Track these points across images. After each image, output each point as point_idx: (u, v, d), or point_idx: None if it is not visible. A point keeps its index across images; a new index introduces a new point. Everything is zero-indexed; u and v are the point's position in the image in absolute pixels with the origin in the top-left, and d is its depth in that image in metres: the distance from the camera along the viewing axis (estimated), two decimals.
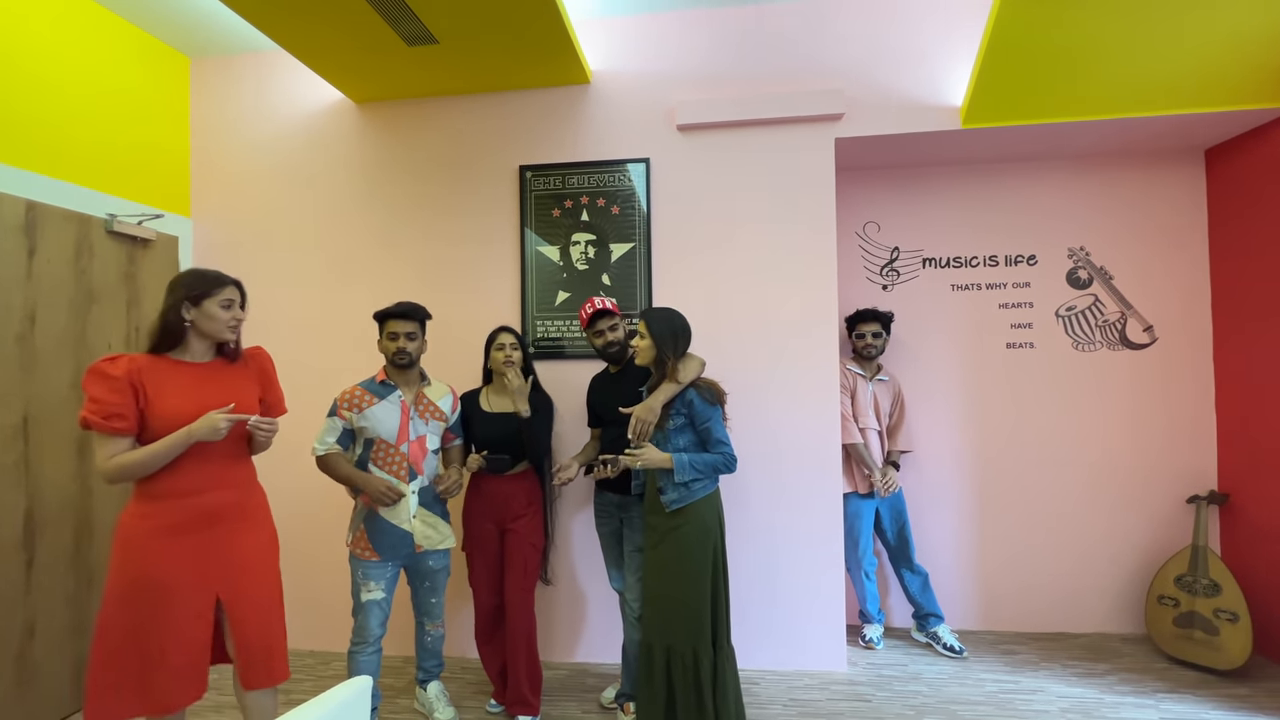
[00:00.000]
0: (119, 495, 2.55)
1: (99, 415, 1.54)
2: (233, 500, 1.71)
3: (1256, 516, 2.70)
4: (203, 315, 1.66)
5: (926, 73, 2.64)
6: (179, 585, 1.60)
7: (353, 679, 1.10)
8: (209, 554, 1.65)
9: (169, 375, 1.63)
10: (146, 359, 1.63)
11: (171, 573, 1.59)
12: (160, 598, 1.58)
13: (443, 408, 2.22)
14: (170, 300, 1.65)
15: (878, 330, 2.86)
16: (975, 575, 3.03)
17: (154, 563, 1.58)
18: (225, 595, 1.67)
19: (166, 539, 1.60)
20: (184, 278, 1.68)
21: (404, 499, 2.10)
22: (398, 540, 2.11)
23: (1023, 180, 3.03)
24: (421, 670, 2.34)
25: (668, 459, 1.94)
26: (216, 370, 1.72)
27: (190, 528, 1.63)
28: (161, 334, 1.64)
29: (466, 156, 2.86)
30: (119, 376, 1.56)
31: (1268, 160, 2.63)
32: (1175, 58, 2.31)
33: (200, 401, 1.63)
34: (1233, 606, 2.50)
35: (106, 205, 2.55)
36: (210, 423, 1.58)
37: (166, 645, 1.58)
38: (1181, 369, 2.93)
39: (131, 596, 1.57)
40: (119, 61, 2.66)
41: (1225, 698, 2.38)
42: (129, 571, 1.58)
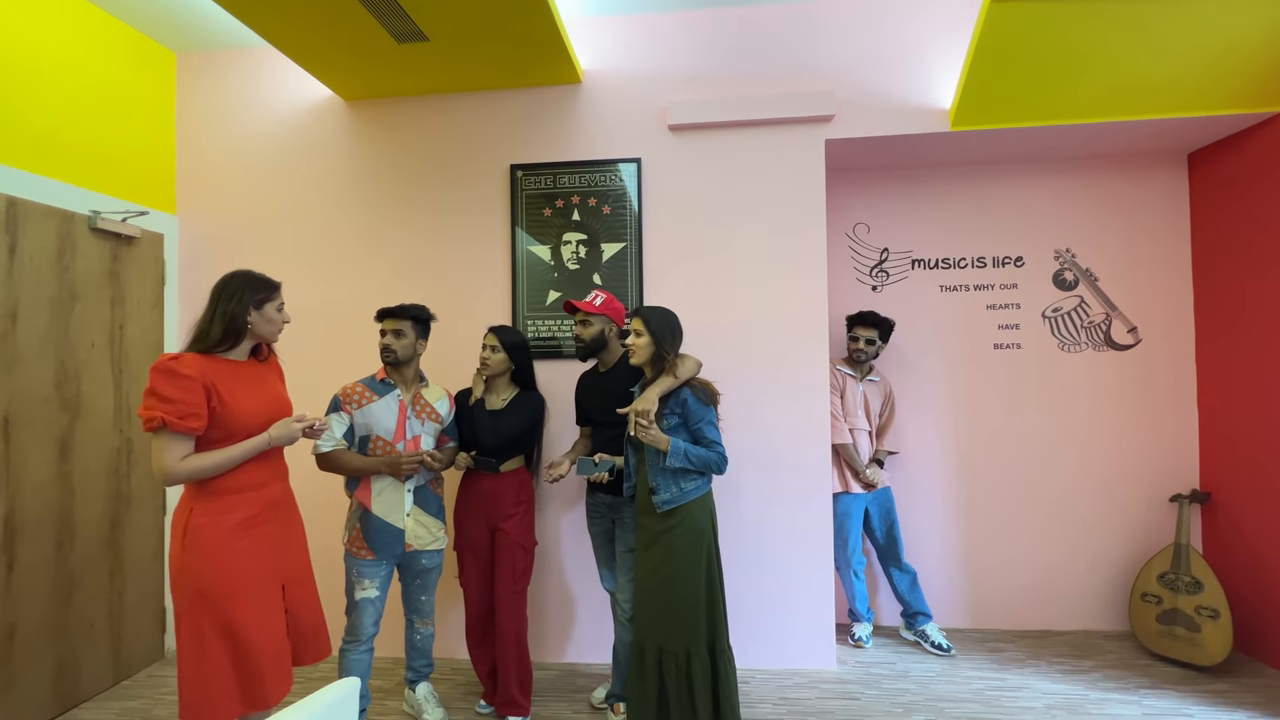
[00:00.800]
0: (102, 499, 2.52)
1: (175, 415, 1.51)
2: (285, 490, 1.80)
3: (1237, 515, 2.75)
4: (262, 318, 1.69)
5: (915, 75, 2.66)
6: (260, 576, 1.63)
7: (340, 680, 1.09)
8: (276, 543, 1.70)
9: (231, 374, 1.64)
10: (206, 359, 1.61)
11: (255, 565, 1.62)
12: (249, 592, 1.60)
13: (439, 410, 2.22)
14: (234, 304, 1.65)
15: (872, 338, 2.85)
16: (963, 574, 3.06)
17: (237, 556, 1.59)
18: (286, 581, 1.72)
19: (246, 533, 1.62)
20: (242, 280, 1.69)
21: (404, 491, 2.13)
22: (391, 538, 2.10)
23: (1010, 182, 3.06)
24: (410, 670, 2.33)
25: (665, 439, 1.93)
26: (256, 370, 1.75)
27: (264, 519, 1.67)
28: (223, 334, 1.63)
29: (457, 155, 2.84)
30: (193, 376, 1.54)
31: (1249, 165, 2.67)
32: (1159, 63, 2.35)
33: (260, 399, 1.68)
34: (1213, 603, 2.55)
35: (90, 202, 2.52)
36: (290, 431, 1.67)
37: (259, 639, 1.60)
38: (1164, 370, 2.98)
39: (219, 595, 1.56)
40: (103, 56, 2.63)
41: (1206, 693, 2.42)
42: (212, 570, 1.56)
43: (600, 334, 2.24)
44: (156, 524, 2.79)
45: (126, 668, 2.63)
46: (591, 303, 2.24)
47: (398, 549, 2.12)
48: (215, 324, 1.64)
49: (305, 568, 1.81)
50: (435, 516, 2.21)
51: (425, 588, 2.24)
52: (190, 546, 1.57)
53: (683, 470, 1.96)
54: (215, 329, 1.63)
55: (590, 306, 2.23)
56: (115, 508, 2.58)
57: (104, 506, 2.54)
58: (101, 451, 2.52)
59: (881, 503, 2.89)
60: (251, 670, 1.59)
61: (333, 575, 2.57)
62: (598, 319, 2.24)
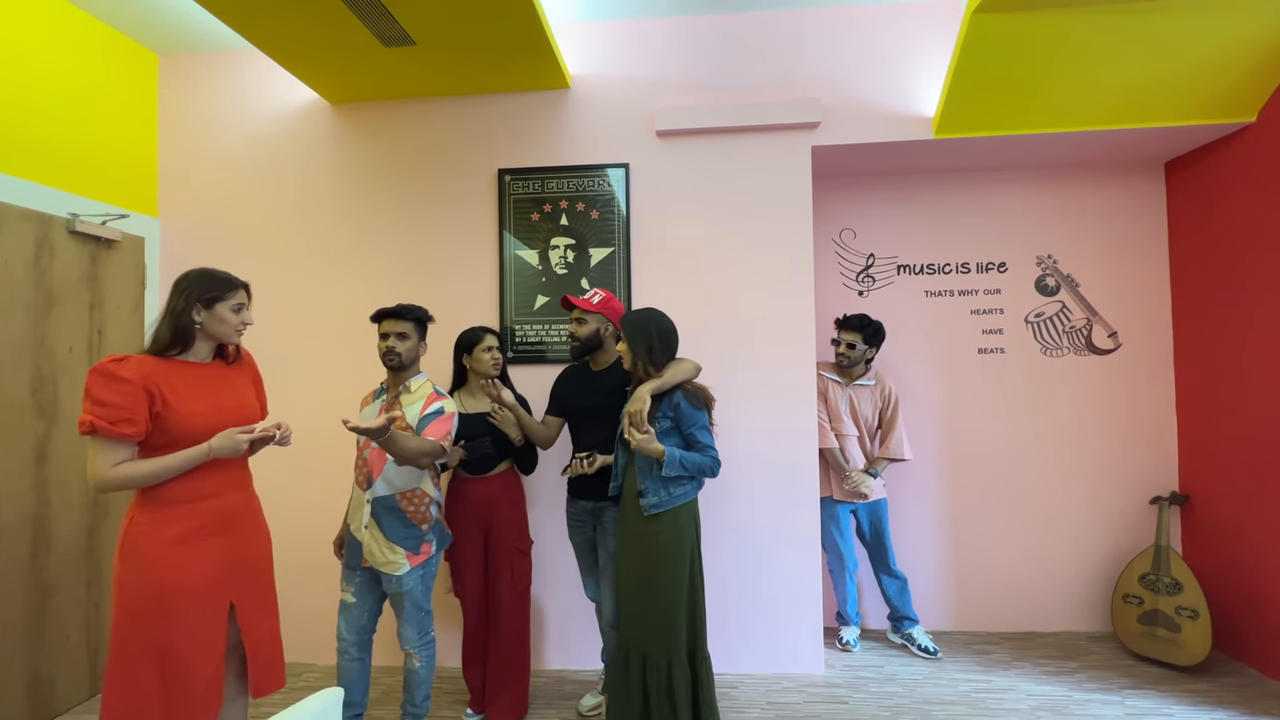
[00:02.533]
0: (79, 507, 2.47)
1: (106, 420, 1.44)
2: (242, 502, 1.68)
3: (1215, 517, 2.80)
4: (213, 318, 1.60)
5: (900, 84, 2.69)
6: (200, 593, 1.54)
7: (323, 691, 1.08)
8: (224, 558, 1.60)
9: (182, 378, 1.56)
10: (155, 361, 1.54)
11: (192, 581, 1.53)
12: (182, 608, 1.51)
13: (409, 415, 2.02)
14: (181, 302, 1.58)
15: (853, 342, 2.83)
16: (949, 577, 3.08)
17: (174, 572, 1.50)
18: (238, 599, 1.62)
19: (185, 546, 1.53)
20: (194, 278, 1.61)
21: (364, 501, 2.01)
22: (352, 547, 2.03)
23: (993, 189, 3.11)
24: (403, 705, 2.12)
25: (661, 450, 1.89)
26: (219, 372, 1.67)
27: (208, 532, 1.57)
28: (172, 336, 1.57)
29: (444, 159, 2.83)
30: (131, 380, 1.47)
31: (1224, 173, 2.73)
32: (1135, 74, 2.40)
33: (215, 405, 1.59)
34: (1193, 604, 2.59)
35: (69, 204, 2.47)
36: (233, 442, 1.54)
37: (191, 659, 1.51)
38: (1144, 374, 3.03)
39: (151, 611, 1.49)
40: (84, 58, 2.59)
41: (1186, 693, 2.46)
42: (147, 584, 1.49)
43: (596, 333, 2.20)
44: None
45: (102, 680, 2.57)
46: (589, 300, 2.22)
47: (356, 560, 2.02)
48: (163, 324, 1.58)
49: (264, 588, 1.70)
50: (395, 539, 1.98)
51: (398, 611, 2.04)
52: (125, 558, 1.50)
53: (675, 476, 1.94)
54: (163, 330, 1.57)
55: (587, 304, 2.20)
56: (93, 516, 2.53)
57: (81, 515, 2.48)
58: (79, 459, 2.47)
59: (871, 510, 2.88)
60: (180, 695, 1.50)
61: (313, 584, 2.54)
62: (594, 317, 2.20)
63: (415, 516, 2.02)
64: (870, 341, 2.85)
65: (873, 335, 2.84)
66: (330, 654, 2.62)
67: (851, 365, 2.87)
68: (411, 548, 2.01)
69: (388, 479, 1.99)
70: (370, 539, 1.99)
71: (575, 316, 2.23)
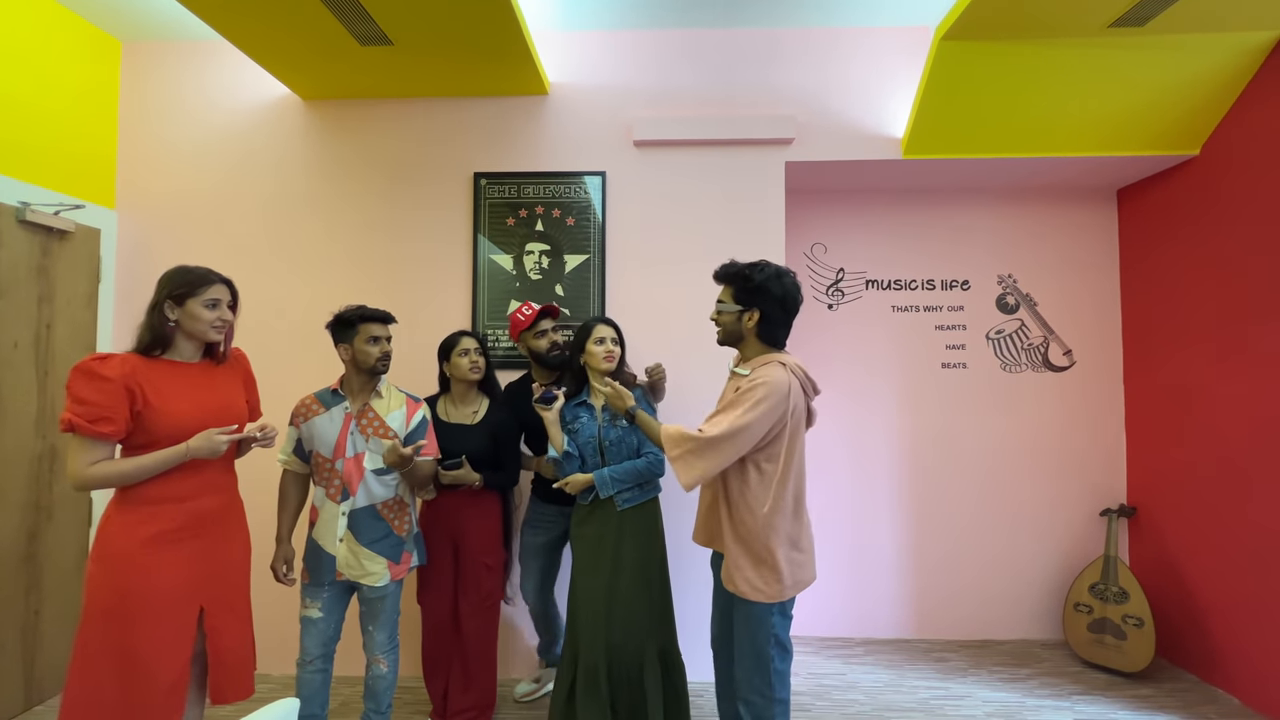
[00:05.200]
0: (18, 508, 2.35)
1: (85, 418, 1.44)
2: (221, 505, 1.65)
3: (1159, 529, 2.93)
4: (186, 315, 1.58)
5: (871, 105, 2.77)
6: (168, 597, 1.51)
7: (279, 701, 1.05)
8: (197, 562, 1.57)
9: (166, 377, 1.55)
10: (139, 360, 1.53)
11: (161, 584, 1.50)
12: (148, 611, 1.48)
13: (391, 424, 1.97)
14: (154, 298, 1.57)
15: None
16: (910, 586, 3.15)
17: (142, 573, 1.48)
18: (208, 605, 1.59)
19: (157, 548, 1.51)
20: (167, 276, 1.60)
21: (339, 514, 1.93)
22: (321, 563, 1.93)
23: (958, 209, 3.22)
24: (364, 715, 2.08)
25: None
26: (206, 372, 1.64)
27: (181, 535, 1.55)
28: (149, 335, 1.55)
29: (419, 161, 2.80)
30: (112, 378, 1.46)
31: (1171, 202, 2.89)
32: (1092, 106, 2.53)
33: (199, 405, 1.57)
34: (1139, 613, 2.70)
35: (18, 192, 2.37)
36: (210, 443, 1.52)
37: (153, 663, 1.48)
38: (1096, 391, 3.16)
39: (117, 612, 1.46)
40: (41, 41, 2.49)
41: (1131, 698, 2.56)
42: (115, 584, 1.47)
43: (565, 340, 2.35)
44: (79, 537, 2.61)
45: (40, 692, 2.45)
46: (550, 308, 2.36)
47: (328, 575, 1.93)
48: (143, 325, 1.57)
49: (237, 593, 1.67)
50: (376, 549, 1.94)
51: (371, 618, 2.00)
52: (98, 557, 1.50)
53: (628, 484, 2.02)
54: (143, 331, 1.57)
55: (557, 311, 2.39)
56: (35, 519, 2.42)
57: (21, 517, 2.37)
58: (21, 458, 2.36)
59: None
60: (140, 699, 1.47)
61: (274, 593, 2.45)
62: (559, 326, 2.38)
63: (396, 525, 1.99)
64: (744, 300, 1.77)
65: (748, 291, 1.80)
66: (287, 664, 2.54)
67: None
68: (393, 557, 1.98)
69: (369, 490, 1.94)
70: (347, 551, 1.93)
71: (553, 325, 2.33)
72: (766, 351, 1.76)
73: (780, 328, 1.74)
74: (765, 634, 1.67)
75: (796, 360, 1.74)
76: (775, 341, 1.76)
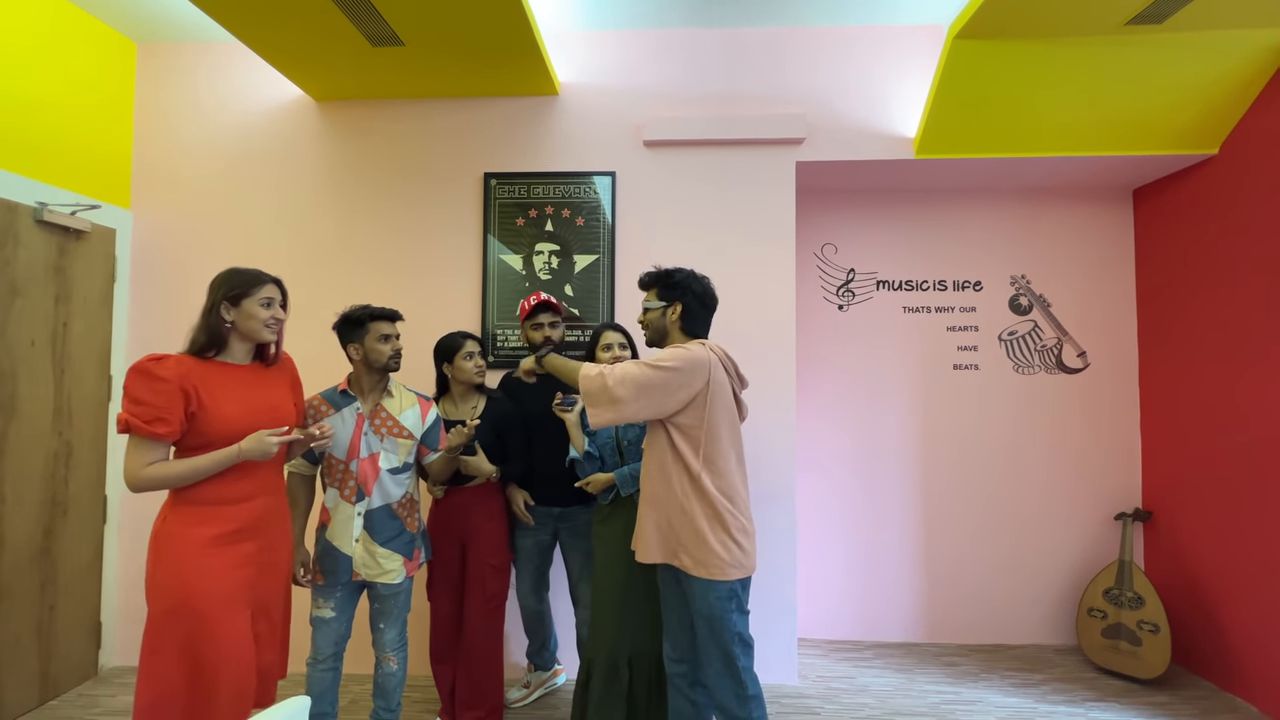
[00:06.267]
0: (35, 504, 2.38)
1: (141, 419, 1.44)
2: (273, 506, 1.66)
3: (1175, 533, 2.88)
4: (243, 315, 1.59)
5: (883, 104, 2.75)
6: (228, 598, 1.50)
7: (290, 699, 1.05)
8: (255, 564, 1.58)
9: (218, 379, 1.55)
10: (194, 361, 1.54)
11: (220, 585, 1.49)
12: (210, 612, 1.47)
13: (405, 422, 1.98)
14: (210, 300, 1.59)
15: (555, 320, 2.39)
16: (921, 589, 3.12)
17: (202, 574, 1.48)
18: (257, 609, 1.59)
19: (219, 549, 1.51)
20: (221, 278, 1.62)
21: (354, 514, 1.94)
22: (337, 564, 1.94)
23: (970, 210, 3.19)
24: (374, 713, 2.09)
25: (609, 478, 2.05)
26: (257, 374, 1.65)
27: (238, 536, 1.55)
28: (206, 336, 1.57)
29: (430, 161, 2.81)
30: (168, 379, 1.47)
31: (1188, 202, 2.84)
32: (1108, 105, 2.49)
33: (250, 407, 1.58)
34: (1154, 618, 2.66)
35: (37, 193, 2.40)
36: (263, 445, 1.52)
37: (219, 667, 1.47)
38: (1111, 393, 3.12)
39: (180, 613, 1.46)
40: (58, 43, 2.52)
41: (1147, 705, 2.52)
42: (176, 586, 1.47)
43: (562, 337, 2.37)
44: (94, 533, 2.64)
45: (55, 686, 2.48)
46: (551, 300, 2.35)
47: (344, 575, 1.93)
48: (198, 326, 1.58)
49: (280, 598, 1.67)
50: (391, 547, 1.95)
51: (384, 615, 2.01)
52: (158, 558, 1.49)
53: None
54: (198, 332, 1.58)
55: (561, 307, 2.37)
56: (50, 515, 2.44)
57: (38, 514, 2.40)
58: (37, 455, 2.39)
59: None
60: (207, 700, 1.46)
61: None
62: (561, 320, 2.38)
63: (409, 523, 2.03)
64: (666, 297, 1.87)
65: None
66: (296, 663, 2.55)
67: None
68: (406, 553, 2.00)
69: (385, 489, 1.95)
70: (364, 551, 1.93)
71: (550, 320, 2.32)
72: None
73: (700, 322, 1.87)
74: (729, 632, 1.72)
75: (719, 346, 1.84)
76: (695, 334, 1.87)
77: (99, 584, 2.67)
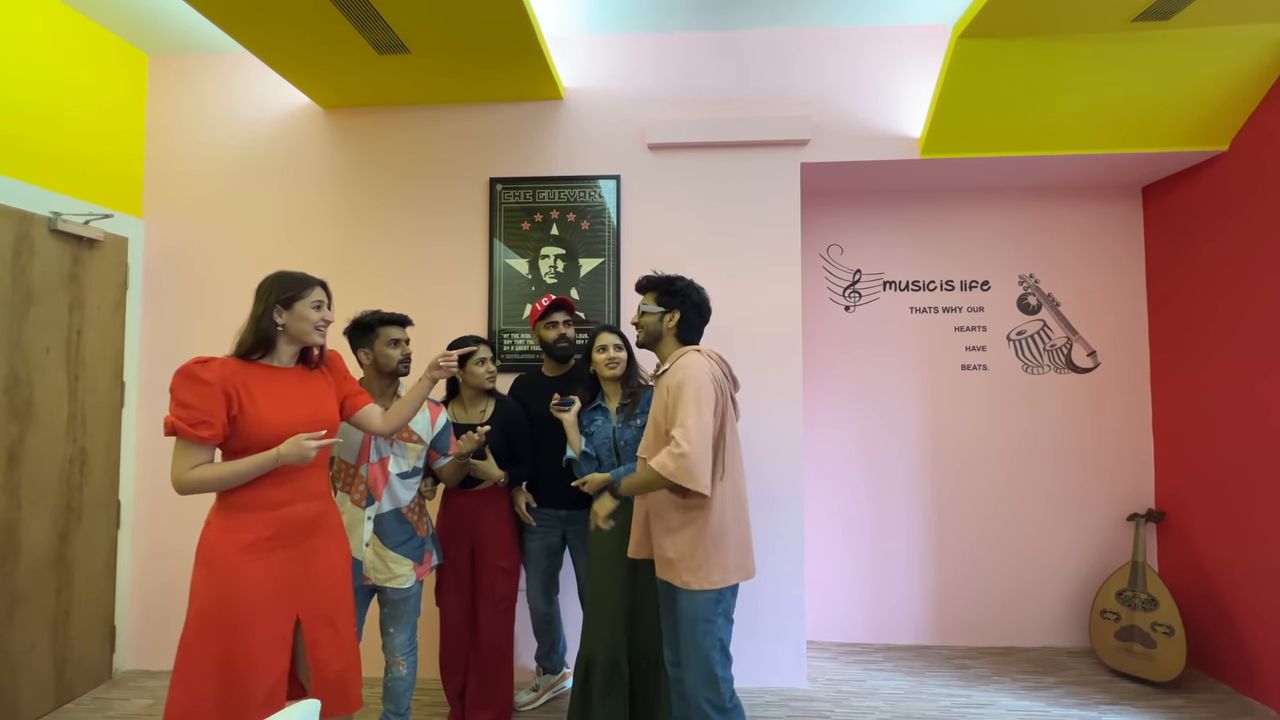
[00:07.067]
0: (50, 511, 2.41)
1: (186, 422, 1.46)
2: (317, 513, 1.64)
3: (1189, 534, 2.85)
4: (295, 318, 1.60)
5: (888, 104, 2.75)
6: (263, 604, 1.50)
7: (300, 703, 1.06)
8: (293, 570, 1.57)
9: (262, 382, 1.56)
10: (239, 364, 1.55)
11: (255, 591, 1.50)
12: (245, 618, 1.48)
13: (414, 427, 2.00)
14: (262, 304, 1.59)
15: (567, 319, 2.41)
16: (931, 591, 3.10)
17: (238, 580, 1.48)
18: (305, 615, 1.58)
19: (251, 555, 1.51)
20: (271, 281, 1.63)
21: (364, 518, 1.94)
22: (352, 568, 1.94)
23: (977, 209, 3.17)
24: (383, 716, 2.09)
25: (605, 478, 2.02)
26: (301, 377, 1.65)
27: (275, 543, 1.54)
28: (255, 339, 1.57)
29: (436, 167, 2.83)
30: (211, 382, 1.48)
31: (1198, 199, 2.81)
32: (1113, 101, 2.47)
33: (291, 411, 1.57)
34: (1169, 620, 2.62)
35: (51, 203, 2.44)
36: (300, 449, 1.51)
37: (248, 673, 1.47)
38: (1122, 393, 3.09)
39: (216, 618, 1.47)
40: (72, 55, 2.56)
41: (1162, 708, 2.49)
42: (214, 590, 1.48)
43: (575, 336, 2.38)
44: (109, 538, 2.68)
45: (70, 690, 2.51)
46: (566, 301, 2.37)
47: (355, 580, 1.91)
48: (247, 329, 1.59)
49: (336, 603, 1.64)
50: (402, 552, 1.97)
51: (393, 619, 2.02)
52: (200, 562, 1.51)
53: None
54: (247, 335, 1.58)
55: (571, 307, 2.39)
56: (65, 520, 2.48)
57: (52, 519, 2.43)
58: (52, 461, 2.42)
59: None
60: (237, 706, 1.47)
61: None
62: (573, 321, 2.40)
63: (418, 526, 2.04)
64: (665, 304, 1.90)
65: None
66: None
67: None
68: (416, 557, 2.01)
69: (394, 493, 1.97)
70: (374, 555, 1.95)
71: (564, 319, 2.35)
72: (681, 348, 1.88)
73: (695, 331, 1.90)
74: (710, 639, 1.69)
75: (713, 351, 1.87)
76: (689, 342, 1.89)
77: (113, 588, 2.70)
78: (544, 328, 2.34)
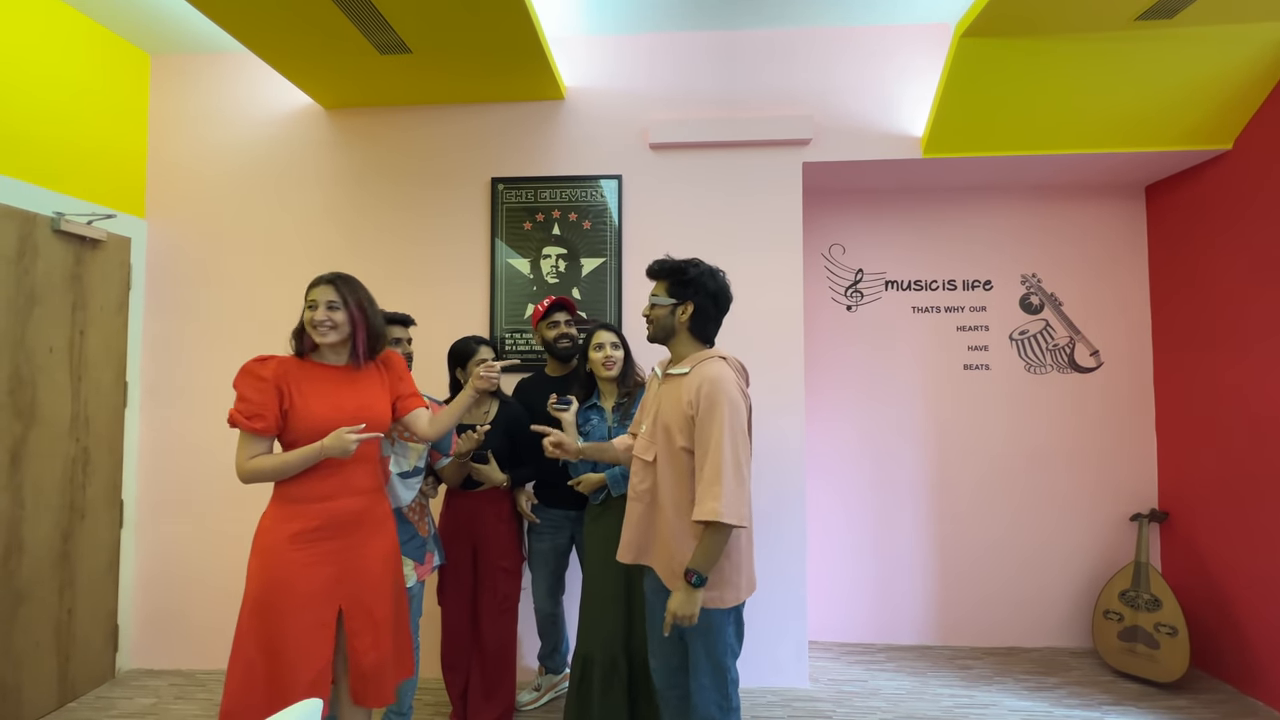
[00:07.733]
0: (53, 509, 2.42)
1: (243, 414, 1.56)
2: (362, 507, 1.69)
3: (1193, 534, 2.84)
4: (305, 319, 1.67)
5: (890, 103, 2.74)
6: (307, 593, 1.57)
7: (302, 702, 1.06)
8: (337, 562, 1.62)
9: (309, 378, 1.65)
10: (293, 361, 1.66)
11: (301, 580, 1.57)
12: (291, 606, 1.55)
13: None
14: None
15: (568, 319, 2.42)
16: (934, 591, 3.09)
17: (285, 569, 1.56)
18: (346, 607, 1.63)
19: (300, 545, 1.58)
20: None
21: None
22: None
23: (980, 208, 3.16)
24: (385, 715, 2.12)
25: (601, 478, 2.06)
26: (349, 375, 1.70)
27: (320, 534, 1.61)
28: (296, 340, 1.69)
29: (438, 167, 2.84)
30: (266, 378, 1.59)
31: (1202, 198, 2.80)
32: (1119, 101, 2.47)
33: (335, 406, 1.64)
34: (1172, 621, 2.62)
35: (54, 203, 2.44)
36: (341, 442, 1.56)
37: (295, 657, 1.54)
38: (1125, 392, 3.08)
39: (265, 604, 1.55)
40: (74, 56, 2.57)
41: (1166, 709, 2.48)
42: (264, 578, 1.56)
43: (578, 336, 2.36)
44: (112, 537, 2.68)
45: (73, 689, 2.51)
46: (568, 301, 2.37)
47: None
48: (295, 330, 1.70)
49: (376, 596, 1.67)
50: (404, 551, 1.96)
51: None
52: (255, 550, 1.60)
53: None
54: (292, 335, 1.70)
55: (573, 308, 2.39)
56: (69, 520, 2.48)
57: (56, 518, 2.43)
58: (55, 460, 2.43)
59: None
60: (283, 692, 1.52)
61: None
62: (574, 321, 2.39)
63: (420, 527, 2.05)
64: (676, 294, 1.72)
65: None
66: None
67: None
68: (418, 557, 2.02)
69: (395, 493, 1.95)
70: None
71: (565, 319, 2.35)
72: (700, 348, 1.71)
73: (712, 323, 1.71)
74: (724, 646, 1.65)
75: (736, 359, 1.71)
76: (706, 337, 1.72)
77: (116, 587, 2.71)
78: (546, 328, 2.35)
